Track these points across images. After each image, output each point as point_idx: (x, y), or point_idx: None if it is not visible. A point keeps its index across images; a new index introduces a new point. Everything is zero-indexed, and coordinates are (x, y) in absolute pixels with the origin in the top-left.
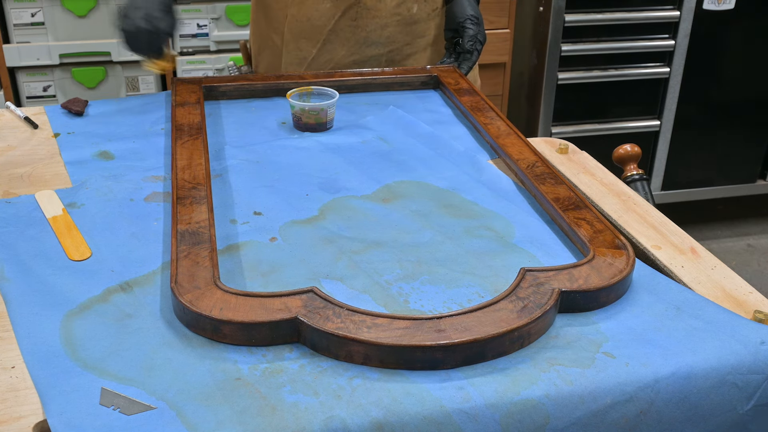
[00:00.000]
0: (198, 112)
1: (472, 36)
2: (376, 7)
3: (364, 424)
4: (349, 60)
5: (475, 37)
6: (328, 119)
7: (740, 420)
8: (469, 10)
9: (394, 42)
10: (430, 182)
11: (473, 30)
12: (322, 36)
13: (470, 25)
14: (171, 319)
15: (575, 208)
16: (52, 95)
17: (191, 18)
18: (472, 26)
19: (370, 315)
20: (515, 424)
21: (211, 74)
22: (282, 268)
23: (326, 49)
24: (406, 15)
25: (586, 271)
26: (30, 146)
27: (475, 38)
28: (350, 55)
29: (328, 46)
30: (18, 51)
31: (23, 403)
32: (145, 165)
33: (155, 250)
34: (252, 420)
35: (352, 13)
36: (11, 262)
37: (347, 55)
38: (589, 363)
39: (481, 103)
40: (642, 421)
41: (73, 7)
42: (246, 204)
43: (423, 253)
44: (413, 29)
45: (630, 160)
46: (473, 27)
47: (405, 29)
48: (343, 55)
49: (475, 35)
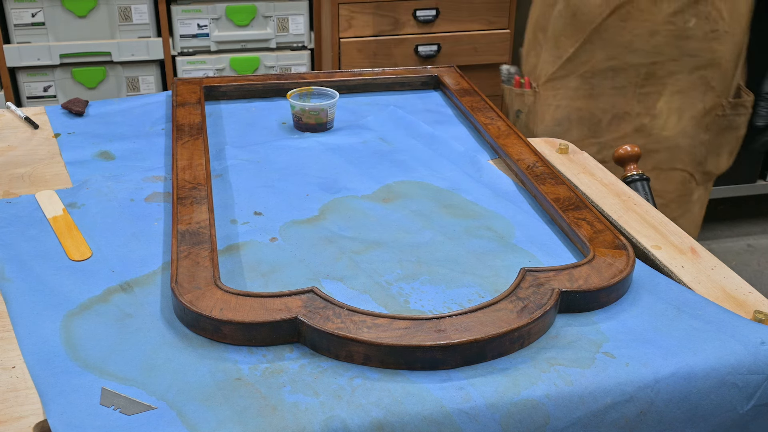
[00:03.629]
0: (198, 112)
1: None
2: (649, 10)
3: (364, 424)
4: (606, 65)
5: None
6: (329, 119)
7: (740, 420)
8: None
9: (659, 54)
10: (431, 182)
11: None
12: (585, 34)
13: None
14: (171, 319)
15: (575, 208)
16: (52, 95)
17: (191, 18)
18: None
19: (370, 315)
20: (515, 424)
21: (211, 74)
22: (282, 268)
23: (585, 49)
24: (680, 27)
25: (586, 271)
26: (30, 146)
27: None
28: (608, 59)
29: (588, 46)
30: (18, 51)
31: (23, 403)
32: (145, 165)
33: (156, 250)
34: (252, 420)
35: (623, 12)
36: (12, 262)
37: (605, 59)
38: (589, 363)
39: (481, 103)
40: (642, 421)
41: (73, 8)
42: (246, 204)
43: (423, 253)
44: (684, 45)
45: (630, 160)
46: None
47: (675, 43)
48: (600, 59)
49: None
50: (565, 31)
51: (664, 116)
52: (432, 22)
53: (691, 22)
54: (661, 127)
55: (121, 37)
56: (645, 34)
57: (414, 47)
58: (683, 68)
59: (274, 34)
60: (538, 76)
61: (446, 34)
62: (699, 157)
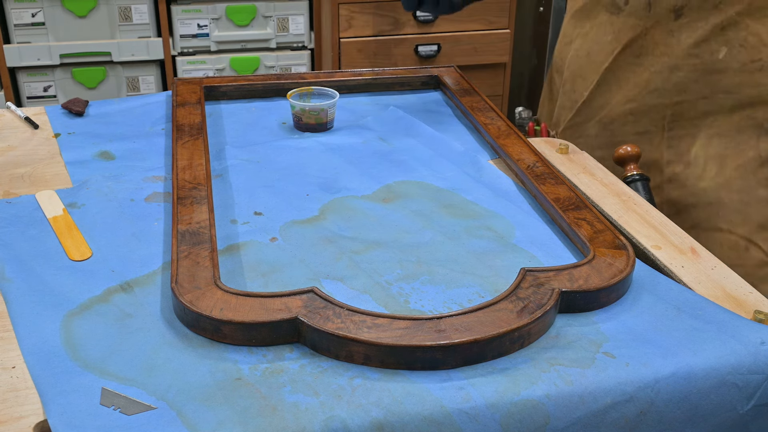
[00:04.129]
0: (198, 112)
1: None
2: (666, 42)
3: (364, 424)
4: (625, 108)
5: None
6: (329, 119)
7: (740, 420)
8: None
9: (684, 92)
10: (431, 182)
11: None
12: (598, 75)
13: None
14: (171, 319)
15: (575, 208)
16: (52, 95)
17: (191, 18)
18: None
19: (370, 315)
20: (515, 424)
21: (211, 74)
22: (282, 268)
23: (600, 91)
24: (707, 60)
25: (586, 271)
26: (30, 146)
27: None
28: (626, 101)
29: (603, 88)
30: (18, 51)
31: (23, 403)
32: (145, 165)
33: (156, 250)
34: (252, 420)
35: (635, 48)
36: (12, 262)
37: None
38: (589, 363)
39: (481, 103)
40: (642, 422)
41: (73, 8)
42: (246, 204)
43: (423, 253)
44: (716, 80)
45: (630, 160)
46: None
47: (703, 78)
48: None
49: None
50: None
51: (701, 164)
52: (432, 22)
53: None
54: (698, 177)
55: (121, 37)
56: (664, 70)
57: (414, 47)
58: (719, 108)
59: (274, 34)
60: (556, 122)
61: (446, 34)
62: (761, 219)
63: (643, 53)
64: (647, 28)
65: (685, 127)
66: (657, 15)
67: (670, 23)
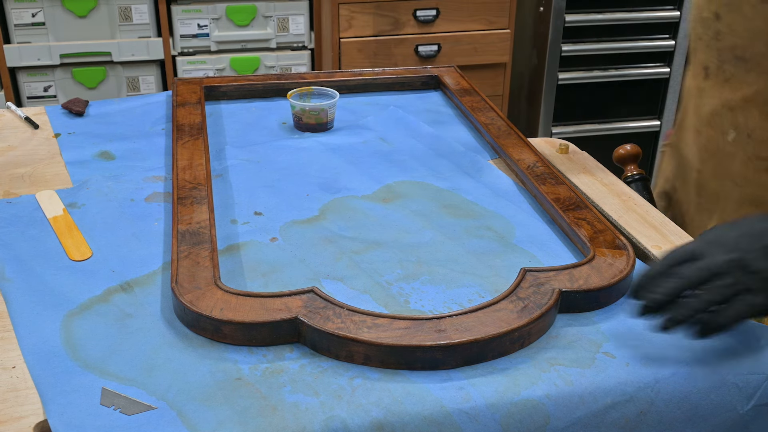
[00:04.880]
0: (199, 112)
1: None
2: (697, 100)
3: (364, 424)
4: (687, 144)
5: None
6: (329, 119)
7: (740, 420)
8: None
9: (704, 162)
10: (431, 182)
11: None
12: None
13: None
14: (171, 319)
15: (575, 208)
16: (52, 95)
17: (191, 18)
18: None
19: (370, 315)
20: (515, 424)
21: (211, 74)
22: (282, 268)
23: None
24: (718, 137)
25: (586, 271)
26: (31, 146)
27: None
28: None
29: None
30: (19, 51)
31: (24, 403)
32: (145, 165)
33: (156, 250)
34: (252, 420)
35: (693, 91)
36: (12, 262)
37: (689, 129)
38: (589, 363)
39: (481, 103)
40: (642, 422)
41: (73, 8)
42: (246, 204)
43: (423, 253)
44: (724, 162)
45: (630, 160)
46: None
47: (716, 156)
48: (687, 130)
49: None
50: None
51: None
52: (432, 22)
53: (730, 136)
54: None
55: (122, 37)
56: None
57: (414, 47)
58: (728, 194)
59: (274, 34)
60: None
61: (446, 34)
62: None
63: (681, 105)
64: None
65: (707, 201)
66: (694, 71)
67: (701, 82)
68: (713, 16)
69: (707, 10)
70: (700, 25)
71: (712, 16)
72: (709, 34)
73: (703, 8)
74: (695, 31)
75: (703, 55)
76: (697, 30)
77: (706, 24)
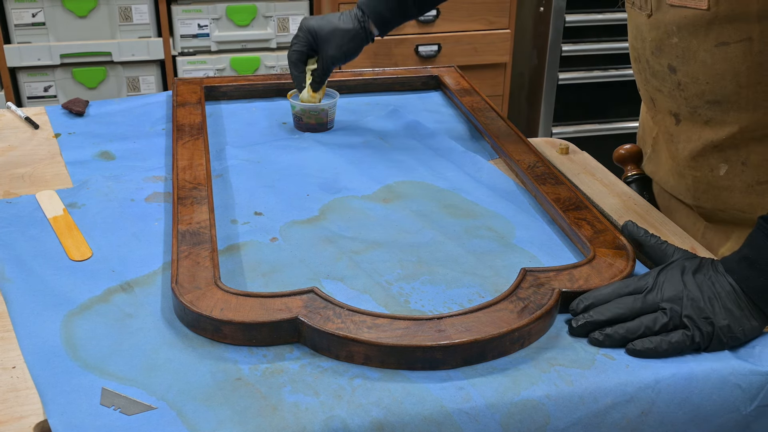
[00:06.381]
0: (199, 112)
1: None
2: (668, 148)
3: (364, 424)
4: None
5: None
6: (329, 119)
7: (743, 421)
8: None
9: (698, 199)
10: (431, 182)
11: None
12: (648, 148)
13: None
14: (171, 319)
15: (576, 208)
16: (52, 95)
17: (192, 18)
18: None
19: (370, 315)
20: (515, 424)
21: (211, 74)
22: (282, 268)
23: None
24: (707, 174)
25: (586, 271)
26: (31, 146)
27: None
28: (670, 174)
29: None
30: (19, 51)
31: (24, 403)
32: (145, 165)
33: (156, 250)
34: (252, 420)
35: (662, 136)
36: (12, 262)
37: (668, 171)
38: (589, 364)
39: (481, 103)
40: (644, 422)
41: (73, 8)
42: (247, 204)
43: (423, 253)
44: (722, 196)
45: (630, 160)
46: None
47: (710, 192)
48: (665, 172)
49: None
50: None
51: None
52: (432, 22)
53: (721, 171)
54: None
55: (122, 37)
56: (673, 175)
57: (414, 47)
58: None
59: (274, 34)
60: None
61: (446, 34)
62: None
63: (656, 150)
64: (655, 127)
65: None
66: (661, 116)
67: (671, 127)
68: (668, 69)
69: (658, 64)
70: (655, 79)
71: (666, 70)
72: (668, 87)
73: (652, 64)
74: (650, 84)
75: (667, 104)
76: (652, 83)
77: (661, 77)
